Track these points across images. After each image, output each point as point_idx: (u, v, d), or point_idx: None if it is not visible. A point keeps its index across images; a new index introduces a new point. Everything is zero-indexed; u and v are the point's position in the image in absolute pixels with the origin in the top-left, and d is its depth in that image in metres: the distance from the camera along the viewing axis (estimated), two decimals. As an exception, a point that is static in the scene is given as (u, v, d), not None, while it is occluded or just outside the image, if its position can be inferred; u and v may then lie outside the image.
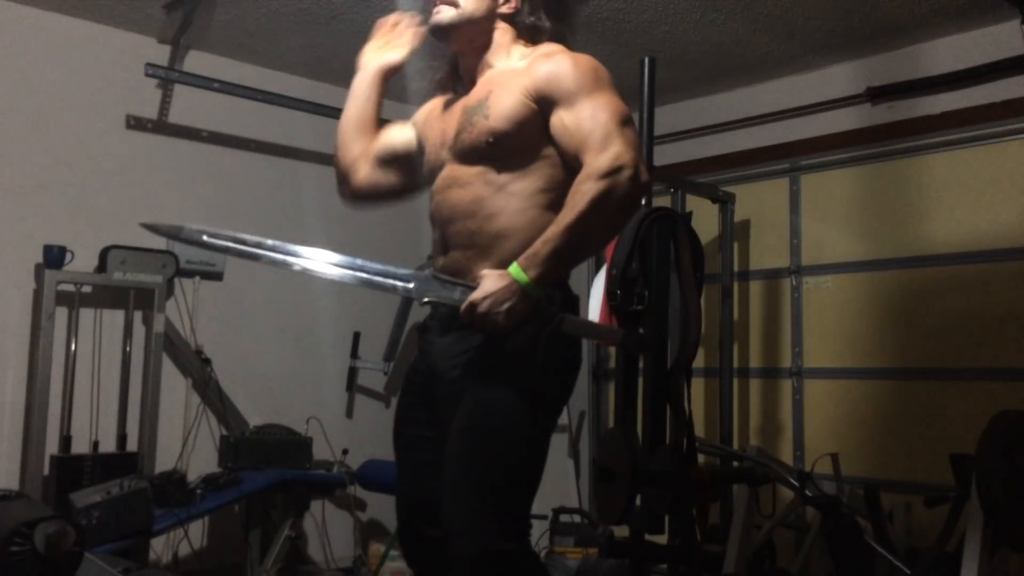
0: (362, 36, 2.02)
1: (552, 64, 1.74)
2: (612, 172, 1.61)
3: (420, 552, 1.88)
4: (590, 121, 1.67)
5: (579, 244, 1.63)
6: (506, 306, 1.59)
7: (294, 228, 4.23)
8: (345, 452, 4.02)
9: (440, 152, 1.86)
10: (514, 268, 1.60)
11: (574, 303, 1.82)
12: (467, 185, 1.77)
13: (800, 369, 3.92)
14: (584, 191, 1.61)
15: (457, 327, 1.75)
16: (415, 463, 1.87)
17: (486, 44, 1.87)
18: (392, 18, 2.05)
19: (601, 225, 1.65)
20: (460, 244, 1.78)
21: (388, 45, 2.04)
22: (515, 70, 1.80)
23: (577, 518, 4.13)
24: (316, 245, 4.69)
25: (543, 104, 1.73)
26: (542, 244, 1.62)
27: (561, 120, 1.71)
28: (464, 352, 1.75)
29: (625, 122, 1.69)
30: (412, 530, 1.89)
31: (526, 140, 1.74)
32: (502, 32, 1.87)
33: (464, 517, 1.68)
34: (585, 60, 1.75)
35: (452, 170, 1.81)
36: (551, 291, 1.70)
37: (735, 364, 4.05)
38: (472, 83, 1.89)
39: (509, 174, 1.75)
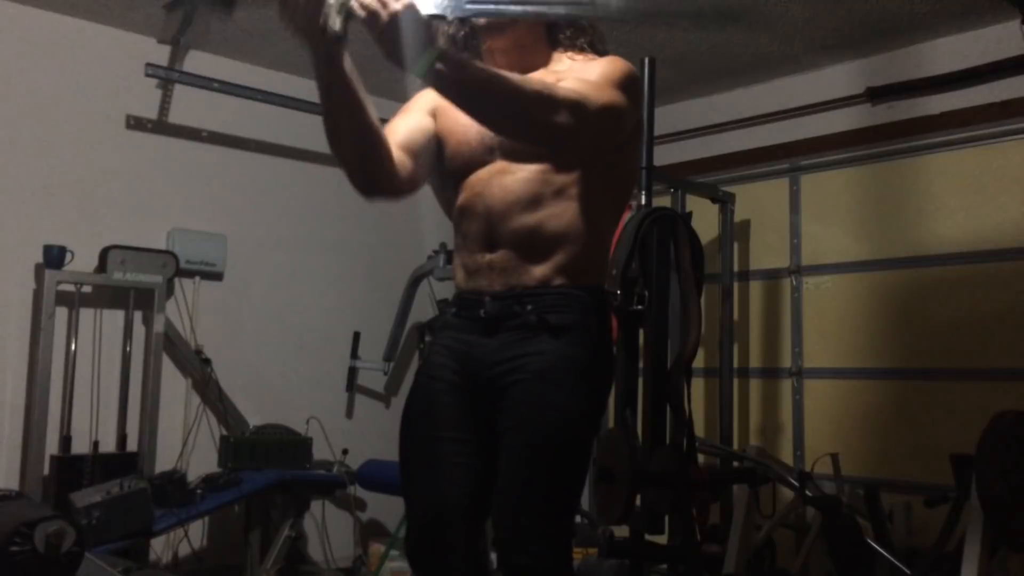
0: (362, 36, 1.99)
1: (592, 61, 1.75)
2: (572, 104, 1.56)
3: (444, 561, 1.76)
4: (597, 86, 1.64)
5: (496, 93, 1.54)
6: (400, 33, 1.43)
7: (295, 228, 4.23)
8: (345, 452, 4.02)
9: (477, 145, 1.77)
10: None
11: (608, 303, 1.79)
12: (527, 182, 1.71)
13: (800, 369, 3.92)
14: (548, 86, 1.57)
15: (508, 328, 1.70)
16: (446, 468, 1.75)
17: (529, 45, 1.83)
18: None
19: (519, 111, 1.57)
20: (514, 242, 1.71)
21: None
22: (558, 72, 1.77)
23: (577, 518, 4.13)
24: (317, 244, 4.69)
25: None
26: (478, 64, 1.56)
27: (576, 79, 1.67)
28: (524, 356, 1.68)
29: (616, 117, 1.65)
30: (439, 539, 1.75)
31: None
32: (544, 35, 1.84)
33: (545, 530, 1.65)
34: (622, 63, 1.73)
35: (505, 166, 1.73)
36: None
37: (735, 364, 4.05)
38: None
39: (568, 175, 1.71)
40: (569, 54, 1.83)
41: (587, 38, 1.85)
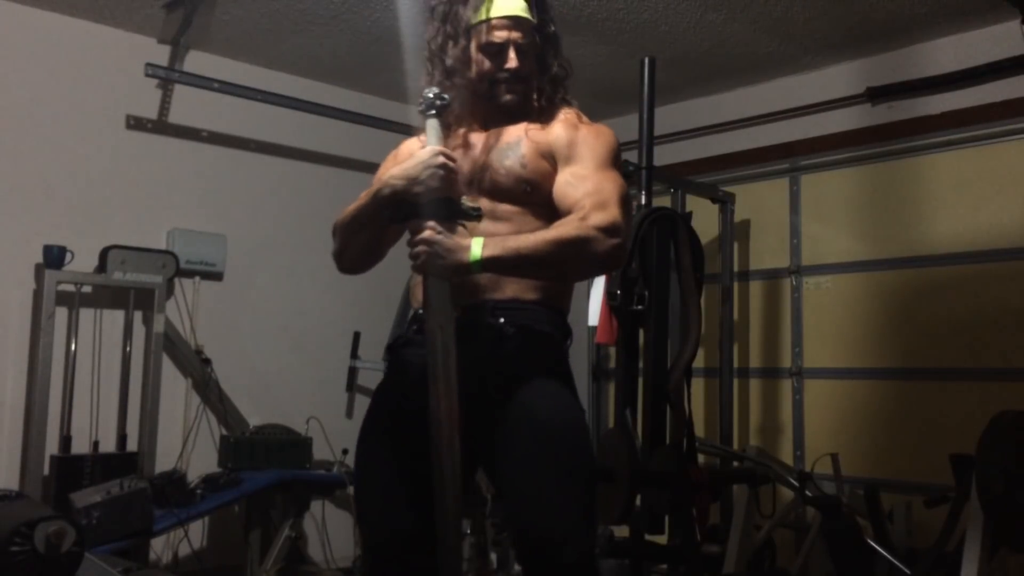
0: (362, 36, 1.99)
1: (577, 132, 1.80)
2: (605, 230, 1.65)
3: None
4: (598, 185, 1.72)
5: (541, 261, 1.64)
6: (440, 261, 1.61)
7: (295, 228, 4.23)
8: (345, 452, 4.02)
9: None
10: (478, 240, 1.62)
11: (570, 333, 1.85)
12: (504, 220, 1.77)
13: (800, 369, 3.92)
14: (576, 227, 1.65)
15: (483, 338, 1.73)
16: (410, 488, 1.75)
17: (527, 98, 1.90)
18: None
19: (568, 262, 1.69)
20: None
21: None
22: (537, 126, 1.83)
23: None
24: (317, 244, 4.68)
25: (560, 162, 1.79)
26: (513, 239, 1.64)
27: (572, 174, 1.76)
28: (505, 360, 1.72)
29: (625, 200, 1.74)
30: (401, 561, 1.76)
31: (550, 192, 1.79)
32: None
33: (569, 526, 1.68)
34: (606, 134, 1.82)
35: (481, 202, 1.77)
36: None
37: (735, 364, 4.05)
38: (483, 122, 1.88)
39: (545, 219, 1.76)
40: (543, 104, 1.88)
41: (565, 91, 1.90)
